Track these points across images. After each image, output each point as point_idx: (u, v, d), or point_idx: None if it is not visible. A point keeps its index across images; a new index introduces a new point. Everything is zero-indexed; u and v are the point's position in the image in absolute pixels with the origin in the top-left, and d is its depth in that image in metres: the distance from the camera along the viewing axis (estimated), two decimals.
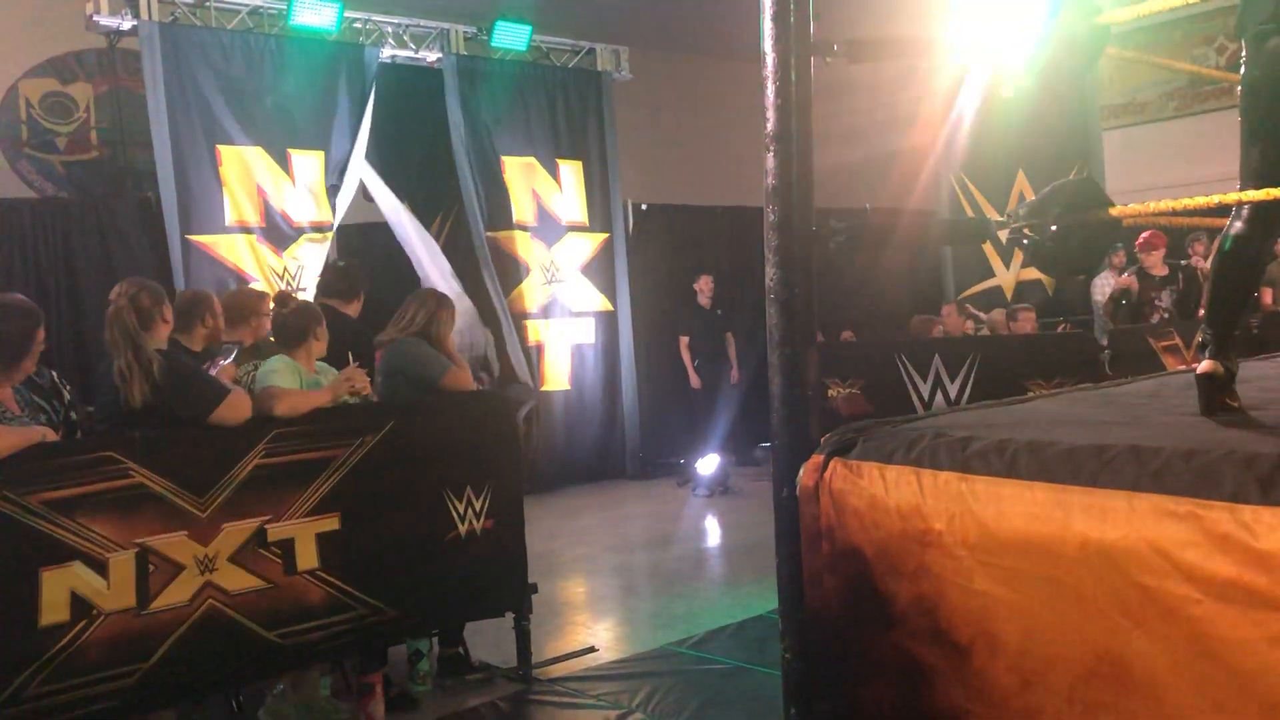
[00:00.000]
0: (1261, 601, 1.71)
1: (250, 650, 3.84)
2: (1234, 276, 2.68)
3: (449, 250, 9.29)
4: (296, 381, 4.22)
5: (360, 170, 8.62)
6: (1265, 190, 2.23)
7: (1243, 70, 2.59)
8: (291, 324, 4.38)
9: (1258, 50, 2.53)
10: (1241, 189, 2.52)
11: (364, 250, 8.97)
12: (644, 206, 10.58)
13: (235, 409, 3.85)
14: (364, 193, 8.96)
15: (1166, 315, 8.67)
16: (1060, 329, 9.82)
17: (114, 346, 3.71)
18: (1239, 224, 2.60)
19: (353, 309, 5.26)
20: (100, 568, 3.48)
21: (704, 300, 9.79)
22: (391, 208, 9.06)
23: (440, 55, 9.17)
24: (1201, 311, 3.22)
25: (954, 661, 2.13)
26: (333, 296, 5.34)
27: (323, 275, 5.41)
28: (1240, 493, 1.77)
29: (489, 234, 9.23)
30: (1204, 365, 2.56)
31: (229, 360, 4.34)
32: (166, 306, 3.94)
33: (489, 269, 9.20)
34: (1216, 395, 2.53)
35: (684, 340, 9.63)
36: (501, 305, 9.20)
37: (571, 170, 9.82)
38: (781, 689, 2.49)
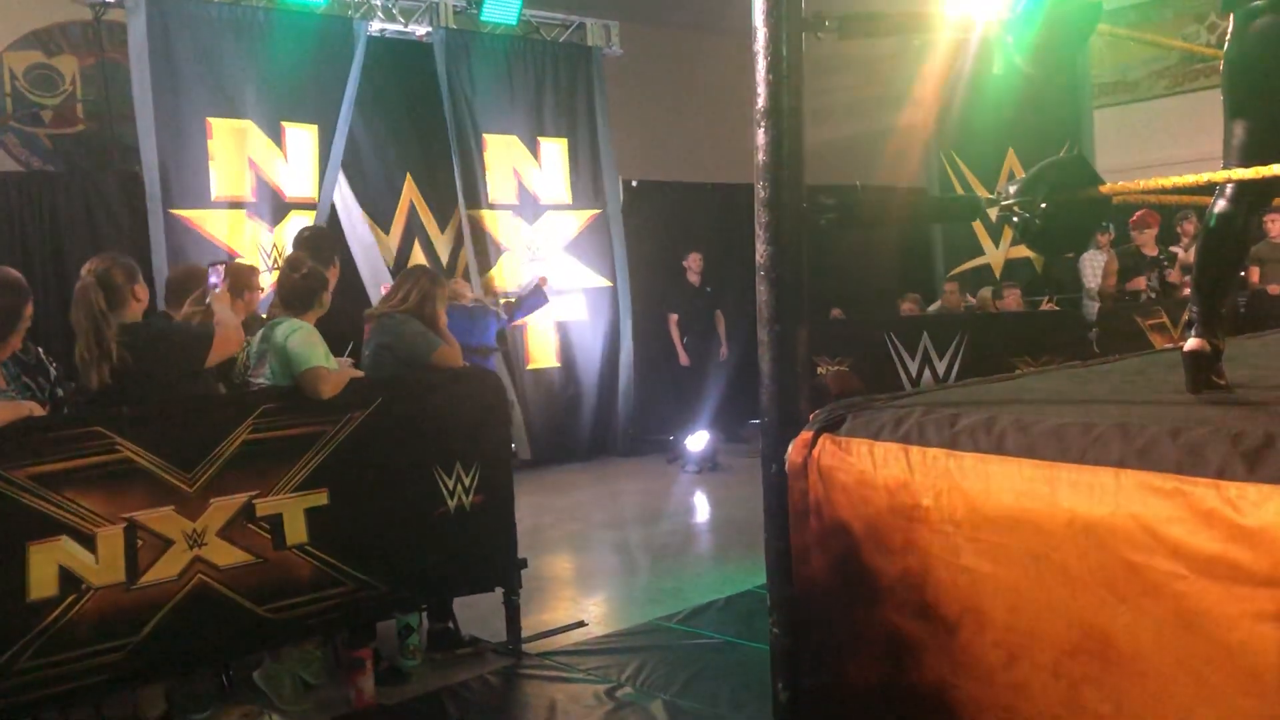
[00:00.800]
0: (1246, 577, 1.73)
1: (239, 625, 3.84)
2: (1220, 254, 2.68)
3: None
4: (326, 350, 4.17)
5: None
6: (1254, 169, 2.23)
7: (1226, 46, 2.59)
8: (303, 288, 4.31)
9: (1244, 27, 2.53)
10: (1225, 166, 2.52)
11: None
12: (634, 183, 10.52)
13: (228, 341, 3.89)
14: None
15: (1154, 295, 8.71)
16: (1044, 306, 9.87)
17: (77, 328, 3.68)
18: (1223, 202, 2.60)
19: (330, 276, 5.16)
20: (88, 542, 3.48)
21: (693, 278, 9.77)
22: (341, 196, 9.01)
23: (429, 29, 9.10)
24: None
25: (941, 636, 2.15)
26: None
27: (295, 245, 5.32)
28: (1226, 469, 1.78)
29: (468, 212, 9.18)
30: (1191, 343, 2.57)
31: (214, 284, 4.29)
32: (140, 285, 3.90)
33: (469, 247, 9.17)
34: (1203, 373, 2.54)
35: (673, 318, 9.61)
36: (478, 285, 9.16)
37: (554, 148, 9.73)
38: (769, 663, 2.51)
